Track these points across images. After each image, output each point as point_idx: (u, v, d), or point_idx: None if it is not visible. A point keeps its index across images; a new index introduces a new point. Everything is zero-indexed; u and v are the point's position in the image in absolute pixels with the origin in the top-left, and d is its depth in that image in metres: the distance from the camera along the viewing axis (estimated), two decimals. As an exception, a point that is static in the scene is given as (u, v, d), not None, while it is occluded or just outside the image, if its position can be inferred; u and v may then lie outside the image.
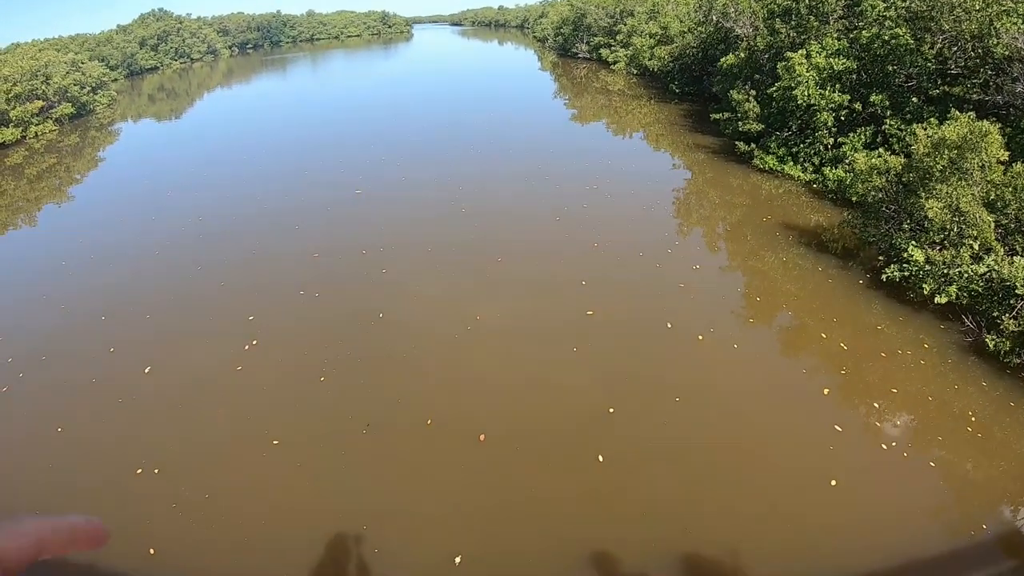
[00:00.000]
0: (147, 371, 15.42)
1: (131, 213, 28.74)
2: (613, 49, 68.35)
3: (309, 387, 14.42)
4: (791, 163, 27.42)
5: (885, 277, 16.65)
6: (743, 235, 22.51)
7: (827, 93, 25.36)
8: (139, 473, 11.95)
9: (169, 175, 35.51)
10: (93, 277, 21.59)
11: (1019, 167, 15.81)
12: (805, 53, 26.43)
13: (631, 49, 61.34)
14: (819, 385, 13.73)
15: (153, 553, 10.21)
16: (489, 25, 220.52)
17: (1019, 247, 15.55)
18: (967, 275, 15.08)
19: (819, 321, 16.37)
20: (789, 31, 29.30)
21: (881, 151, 20.17)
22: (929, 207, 15.86)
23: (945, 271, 15.43)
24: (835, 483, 10.91)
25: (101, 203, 32.15)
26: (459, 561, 9.83)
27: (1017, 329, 13.48)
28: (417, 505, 10.97)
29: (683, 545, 9.97)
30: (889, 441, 11.98)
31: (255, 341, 16.40)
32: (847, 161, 23.86)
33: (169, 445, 12.74)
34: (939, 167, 16.28)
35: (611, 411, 12.99)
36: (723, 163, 30.26)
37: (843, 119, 25.82)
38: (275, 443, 12.57)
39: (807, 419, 12.79)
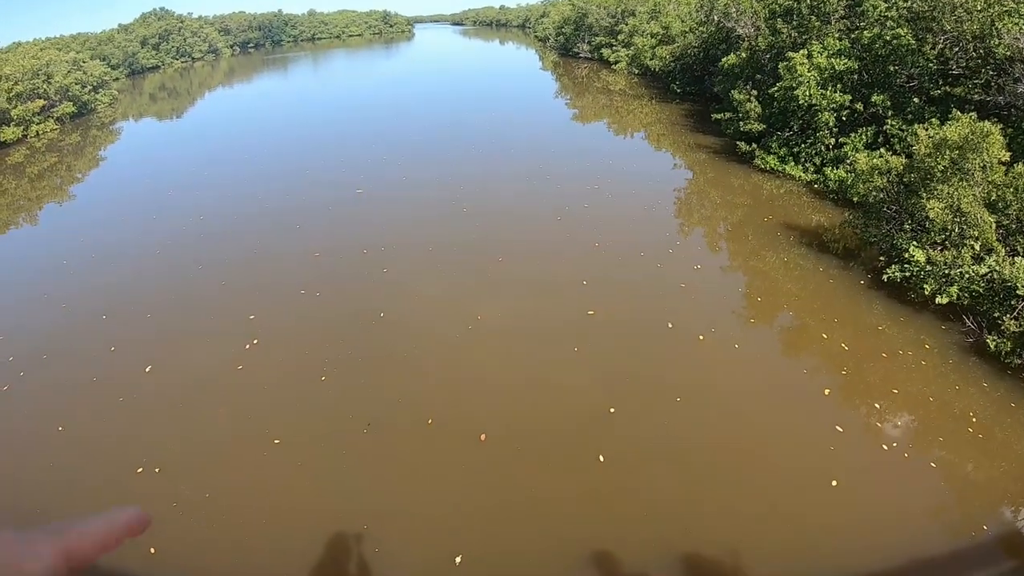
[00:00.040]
0: (148, 370, 15.42)
1: (132, 212, 28.76)
2: (614, 49, 68.23)
3: (310, 386, 14.43)
4: (792, 163, 27.40)
5: (886, 277, 16.63)
6: (744, 235, 22.50)
7: (828, 93, 25.33)
8: (140, 472, 11.96)
9: (170, 174, 35.51)
10: (94, 276, 21.59)
11: (1020, 168, 15.76)
12: (806, 53, 26.40)
13: (632, 49, 61.27)
14: (820, 385, 13.72)
15: (153, 552, 10.20)
16: (491, 25, 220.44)
17: (1020, 248, 15.52)
18: (968, 276, 15.06)
19: (820, 321, 16.36)
20: (790, 31, 29.28)
21: (882, 151, 20.11)
22: (930, 207, 15.84)
23: (946, 271, 15.41)
24: (836, 483, 10.90)
25: (102, 202, 32.18)
26: (459, 561, 9.83)
27: (1018, 330, 13.47)
28: (418, 505, 10.96)
29: (683, 545, 9.96)
30: (890, 441, 11.97)
31: (256, 340, 16.41)
32: (848, 161, 23.83)
33: (170, 444, 12.75)
34: (940, 167, 16.26)
35: (612, 411, 12.98)
36: (724, 163, 30.25)
37: (844, 119, 25.78)
38: (276, 442, 12.58)
39: (808, 419, 12.78)
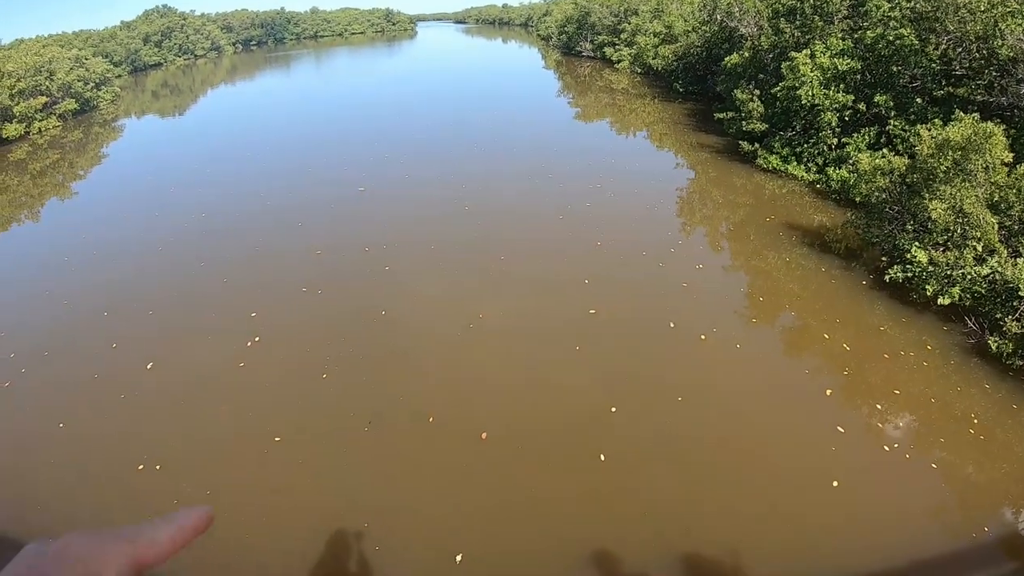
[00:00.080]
0: (149, 367, 15.44)
1: (134, 209, 28.78)
2: (617, 48, 68.16)
3: (311, 384, 14.44)
4: (795, 163, 27.36)
5: (888, 278, 16.61)
6: (746, 235, 22.48)
7: (831, 93, 25.30)
8: (141, 469, 11.97)
9: (172, 171, 35.52)
10: (96, 273, 21.61)
11: (1023, 169, 15.77)
12: (809, 53, 26.37)
13: (635, 48, 61.23)
14: (821, 386, 13.70)
15: (155, 549, 10.22)
16: (493, 23, 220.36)
17: (1023, 249, 15.51)
18: (970, 277, 15.04)
19: (822, 321, 16.35)
20: (793, 31, 29.25)
21: (885, 152, 20.08)
22: (932, 208, 15.82)
23: (948, 272, 15.39)
24: (837, 484, 10.89)
25: (104, 199, 32.22)
26: (460, 559, 9.83)
27: (1020, 331, 13.45)
28: (418, 503, 10.97)
29: (684, 545, 9.96)
30: (891, 442, 11.96)
31: (258, 338, 16.42)
32: (851, 161, 23.77)
33: (171, 441, 12.76)
34: (943, 168, 16.24)
35: (613, 410, 12.98)
36: (726, 162, 30.22)
37: (847, 119, 25.75)
38: (277, 440, 12.59)
39: (809, 420, 12.77)
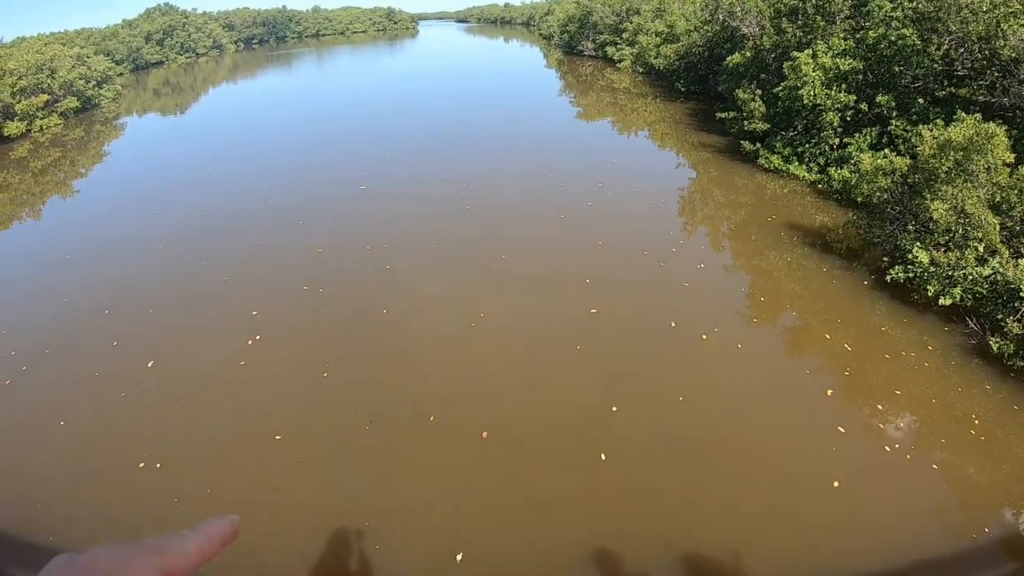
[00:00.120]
0: (150, 365, 15.45)
1: (136, 207, 28.79)
2: (619, 47, 68.13)
3: (312, 383, 14.44)
4: (796, 163, 27.34)
5: (889, 278, 16.61)
6: (748, 235, 22.47)
7: (833, 93, 25.28)
8: (141, 467, 11.98)
9: (174, 170, 35.51)
10: (97, 271, 21.62)
11: (1025, 169, 15.76)
12: (811, 53, 26.36)
13: (637, 47, 61.22)
14: (823, 386, 13.69)
15: (155, 547, 10.22)
16: (495, 22, 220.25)
17: (1024, 249, 15.52)
18: (972, 277, 15.04)
19: (823, 322, 16.33)
20: (795, 31, 29.23)
21: (887, 152, 20.09)
22: (934, 208, 15.81)
23: (950, 273, 15.39)
24: (837, 484, 10.89)
25: (106, 197, 32.21)
26: (460, 559, 9.84)
27: (1021, 332, 13.43)
28: (419, 502, 10.98)
29: (684, 545, 9.96)
30: (892, 443, 11.96)
31: (258, 336, 16.43)
32: (852, 161, 23.77)
33: (172, 439, 12.77)
34: (945, 168, 16.23)
35: (614, 410, 12.98)
36: (728, 162, 30.20)
37: (849, 119, 25.73)
38: (277, 438, 12.60)
39: (810, 420, 12.77)
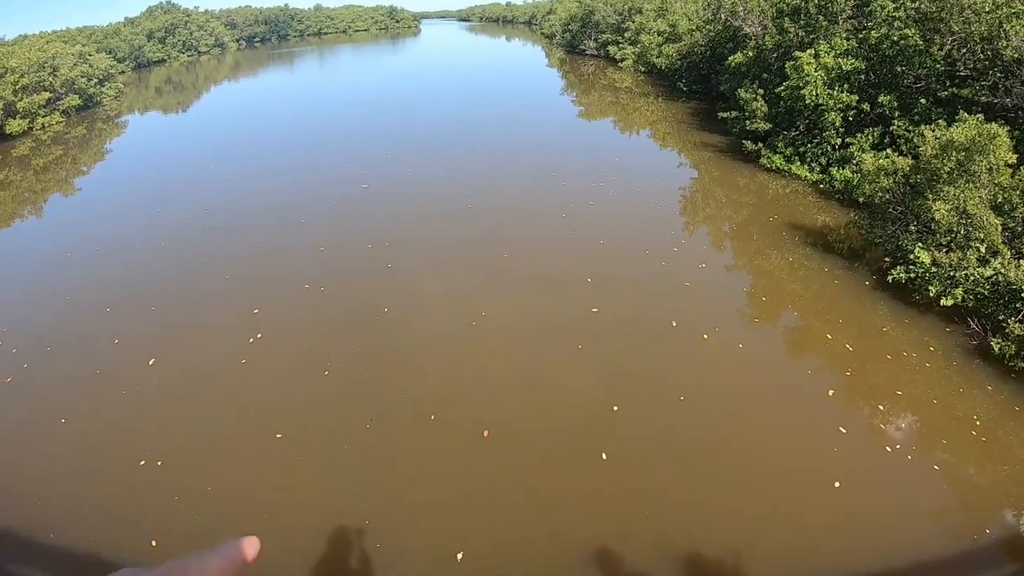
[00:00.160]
0: (151, 363, 15.46)
1: (137, 205, 28.81)
2: (621, 46, 68.17)
3: (313, 381, 14.45)
4: (798, 163, 27.33)
5: (891, 278, 16.59)
6: (749, 234, 22.45)
7: (835, 93, 25.26)
8: (142, 464, 12.00)
9: (176, 168, 35.54)
10: (99, 269, 21.62)
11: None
12: (814, 53, 26.34)
13: (639, 47, 61.19)
14: (824, 386, 13.69)
15: (155, 545, 10.25)
16: (497, 21, 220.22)
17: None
18: (973, 278, 15.02)
19: (825, 322, 16.32)
20: (798, 30, 29.20)
21: (889, 152, 20.08)
22: (936, 209, 15.79)
23: (951, 273, 15.37)
24: (838, 484, 10.88)
25: (107, 195, 32.23)
26: (461, 558, 9.84)
27: (1022, 333, 13.41)
28: (420, 501, 10.98)
29: (685, 544, 9.96)
30: (893, 443, 11.95)
31: (260, 334, 16.44)
32: (854, 161, 23.77)
33: (172, 437, 12.79)
34: (947, 169, 16.21)
35: (615, 409, 12.98)
36: (730, 162, 30.20)
37: (851, 119, 25.71)
38: (278, 437, 12.61)
39: (811, 420, 12.76)
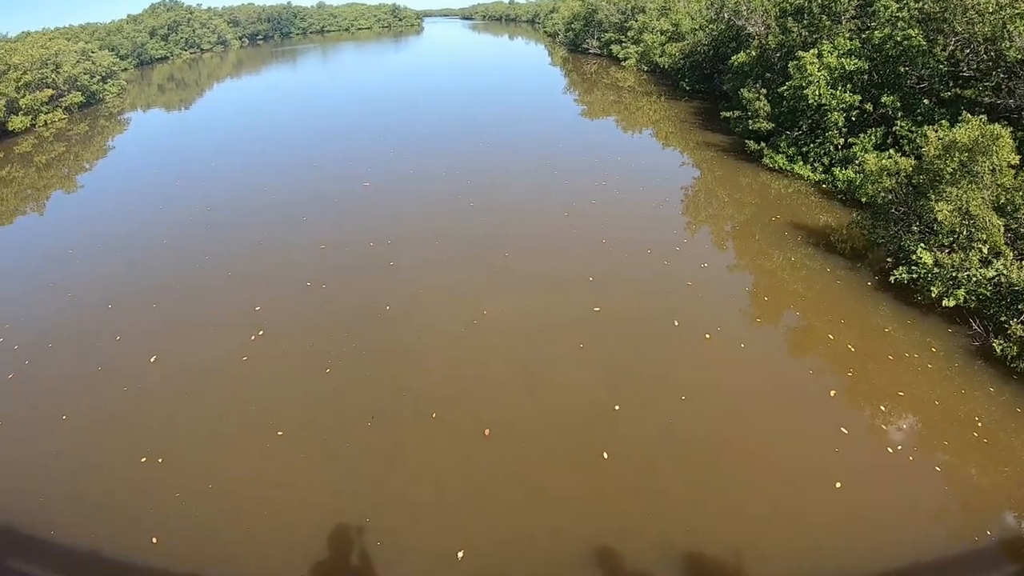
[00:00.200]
0: (153, 360, 15.48)
1: (140, 202, 28.81)
2: (624, 45, 68.10)
3: (314, 378, 14.46)
4: (801, 163, 27.30)
5: (893, 279, 16.57)
6: (751, 234, 22.42)
7: (838, 93, 25.22)
8: (143, 462, 12.02)
9: (178, 165, 35.57)
10: (101, 266, 21.65)
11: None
12: (817, 52, 26.29)
13: (642, 46, 61.17)
14: (825, 386, 13.68)
15: (155, 542, 10.26)
16: (500, 20, 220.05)
17: (1029, 251, 15.45)
18: (975, 279, 14.99)
19: (826, 322, 16.29)
20: (801, 30, 29.15)
21: (891, 152, 20.05)
22: (939, 210, 15.76)
23: (953, 274, 15.34)
24: (840, 485, 10.88)
25: (110, 192, 32.24)
26: (461, 556, 9.85)
27: (1026, 334, 13.40)
28: (420, 499, 10.99)
29: (687, 544, 9.96)
30: (895, 444, 11.93)
31: (261, 332, 16.45)
32: (857, 162, 23.74)
33: (174, 434, 12.81)
34: (949, 170, 16.18)
35: (616, 408, 12.97)
36: (732, 161, 30.17)
37: (854, 119, 25.67)
38: (280, 434, 12.62)
39: (813, 420, 12.75)
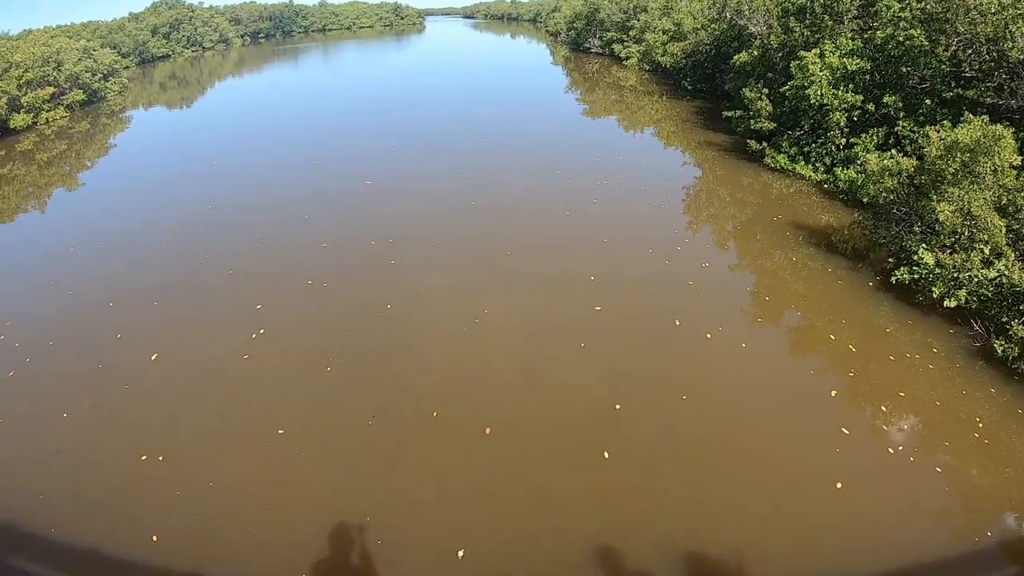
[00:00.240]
0: (154, 358, 15.49)
1: (141, 200, 28.82)
2: (626, 44, 68.13)
3: (315, 377, 14.46)
4: (802, 163, 27.27)
5: (895, 279, 16.55)
6: (753, 234, 22.40)
7: (840, 93, 25.18)
8: (144, 459, 12.02)
9: (180, 163, 35.59)
10: (102, 264, 21.67)
11: (1033, 172, 15.69)
12: (819, 52, 26.25)
13: (644, 45, 61.13)
14: (827, 387, 13.67)
15: (156, 540, 10.27)
16: (502, 19, 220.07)
17: (1031, 252, 15.43)
18: (977, 279, 14.98)
19: (828, 322, 16.28)
20: (803, 30, 29.12)
21: (893, 152, 20.01)
22: (940, 210, 15.75)
23: (955, 275, 15.33)
24: (841, 485, 10.87)
25: (111, 190, 32.25)
26: (462, 555, 9.85)
27: (1027, 335, 13.38)
28: (421, 498, 10.99)
29: (688, 544, 9.96)
30: (896, 445, 11.92)
31: (263, 330, 16.46)
32: (859, 162, 23.70)
33: (174, 432, 12.81)
34: (951, 170, 16.15)
35: (618, 408, 12.97)
36: (734, 161, 30.14)
37: (856, 119, 25.64)
38: (280, 432, 12.62)
39: (814, 421, 12.75)
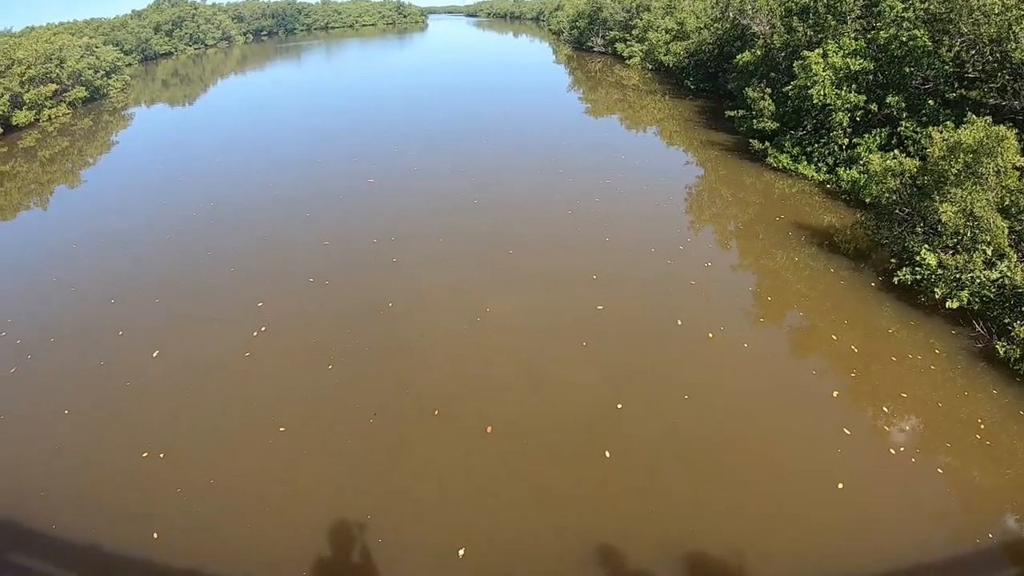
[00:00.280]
0: (155, 355, 15.51)
1: (143, 198, 28.83)
2: (628, 44, 68.03)
3: (317, 375, 14.48)
4: (805, 162, 27.24)
5: (897, 280, 16.53)
6: (755, 234, 22.38)
7: (843, 93, 25.14)
8: (145, 457, 12.04)
9: (182, 161, 35.58)
10: (104, 261, 21.69)
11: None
12: (822, 52, 26.20)
13: (646, 44, 61.08)
14: (828, 387, 13.66)
15: (157, 537, 10.28)
16: (504, 17, 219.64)
17: (1034, 253, 15.40)
18: (979, 280, 14.95)
19: (830, 322, 16.27)
20: (806, 30, 29.06)
21: (896, 153, 19.97)
22: (943, 211, 15.72)
23: (957, 276, 15.30)
24: (842, 486, 10.86)
25: (113, 187, 32.29)
26: (463, 554, 9.85)
27: (1030, 336, 13.36)
28: (422, 496, 11.00)
29: (690, 544, 9.96)
30: (897, 446, 11.91)
31: (264, 328, 16.47)
32: (862, 162, 23.64)
33: (176, 430, 12.83)
34: (954, 171, 16.12)
35: (619, 407, 12.97)
36: (737, 161, 30.11)
37: (858, 120, 25.60)
38: (281, 430, 12.64)
39: (815, 421, 12.74)
